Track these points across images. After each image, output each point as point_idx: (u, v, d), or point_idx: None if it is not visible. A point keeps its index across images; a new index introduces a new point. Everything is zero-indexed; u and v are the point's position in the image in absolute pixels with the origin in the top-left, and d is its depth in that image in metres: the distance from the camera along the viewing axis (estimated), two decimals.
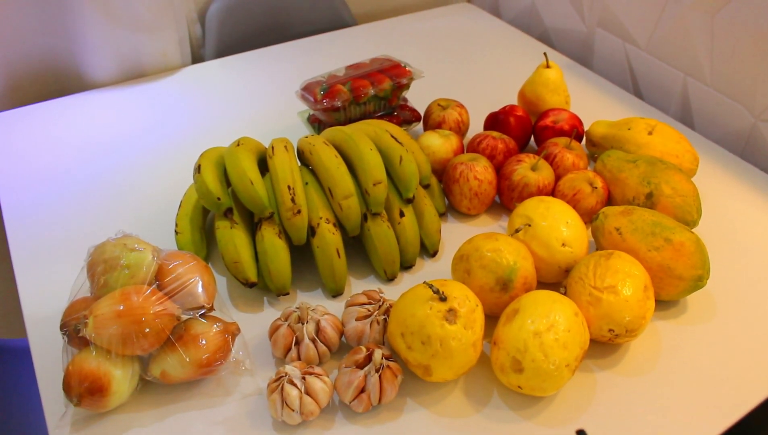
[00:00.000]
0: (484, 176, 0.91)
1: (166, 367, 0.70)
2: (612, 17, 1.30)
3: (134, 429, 0.70)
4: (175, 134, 1.15)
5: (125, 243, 0.72)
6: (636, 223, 0.80)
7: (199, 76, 1.33)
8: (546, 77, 1.08)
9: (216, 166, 0.85)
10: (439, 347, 0.67)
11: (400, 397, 0.72)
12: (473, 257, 0.76)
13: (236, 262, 0.80)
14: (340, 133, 0.88)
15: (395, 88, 1.04)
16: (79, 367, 0.67)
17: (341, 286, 0.83)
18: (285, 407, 0.67)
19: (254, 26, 1.47)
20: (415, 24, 1.53)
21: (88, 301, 0.71)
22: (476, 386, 0.73)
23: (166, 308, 0.69)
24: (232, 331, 0.72)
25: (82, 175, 1.06)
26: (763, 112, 1.06)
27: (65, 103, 1.24)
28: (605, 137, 1.01)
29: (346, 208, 0.82)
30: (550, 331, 0.67)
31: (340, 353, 0.76)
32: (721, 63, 1.10)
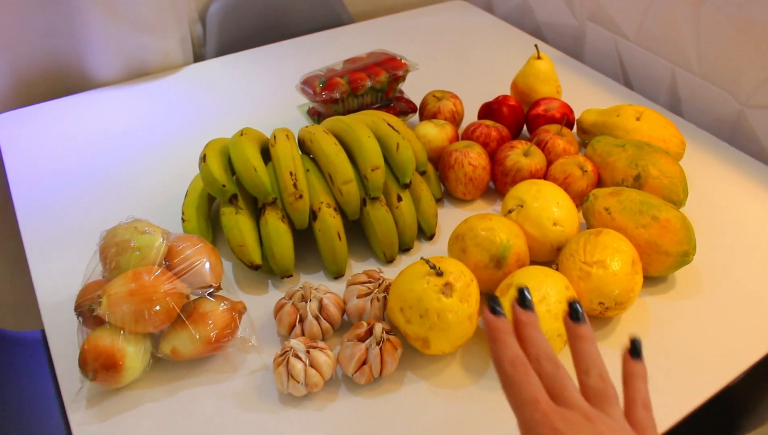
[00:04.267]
0: (478, 162, 0.94)
1: (177, 344, 0.73)
2: (602, 11, 1.34)
3: (146, 404, 0.73)
4: (179, 130, 1.19)
5: (136, 226, 0.76)
6: (624, 202, 0.84)
7: (200, 74, 1.37)
8: (537, 68, 1.12)
9: (220, 155, 0.88)
10: (437, 320, 0.70)
11: (401, 371, 0.75)
12: (468, 236, 0.79)
13: (241, 245, 0.83)
14: (339, 122, 0.92)
15: (391, 80, 1.07)
16: (94, 344, 0.70)
17: (342, 268, 0.87)
18: (290, 379, 0.70)
19: (254, 25, 1.51)
20: (411, 21, 1.57)
21: (100, 283, 0.75)
22: (473, 359, 0.77)
23: (176, 287, 0.72)
24: (239, 309, 0.76)
25: (90, 169, 1.09)
26: (749, 99, 1.09)
27: (71, 101, 1.27)
28: (595, 124, 1.04)
29: (346, 193, 0.85)
30: (542, 303, 0.70)
31: (342, 330, 0.79)
32: (708, 52, 1.14)
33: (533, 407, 0.42)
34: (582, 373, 0.45)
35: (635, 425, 0.43)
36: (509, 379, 0.43)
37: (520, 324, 0.46)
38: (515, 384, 0.43)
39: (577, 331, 0.46)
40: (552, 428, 0.40)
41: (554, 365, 0.44)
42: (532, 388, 0.42)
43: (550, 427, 0.41)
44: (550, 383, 0.43)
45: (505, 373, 0.43)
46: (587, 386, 0.44)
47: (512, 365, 0.43)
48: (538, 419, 0.41)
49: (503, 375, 0.43)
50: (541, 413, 0.41)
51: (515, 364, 0.43)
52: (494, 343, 0.45)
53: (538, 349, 0.44)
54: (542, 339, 0.45)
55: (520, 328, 0.46)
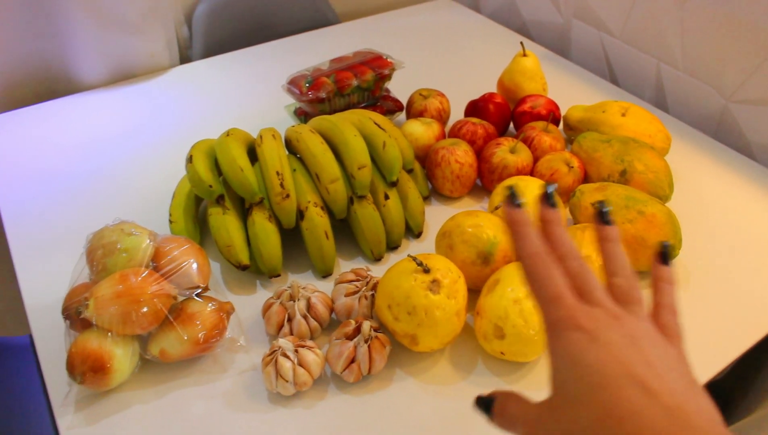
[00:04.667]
0: (464, 159, 0.95)
1: (165, 345, 0.73)
2: (587, 8, 1.34)
3: (135, 406, 0.73)
4: (166, 132, 1.18)
5: (122, 228, 0.75)
6: (610, 197, 0.84)
7: (187, 76, 1.37)
8: (523, 65, 1.12)
9: (207, 156, 0.88)
10: (425, 316, 0.70)
11: (389, 368, 0.75)
12: (455, 233, 0.80)
13: (229, 245, 0.83)
14: (326, 121, 0.92)
15: (378, 78, 1.07)
16: (81, 347, 0.70)
17: (330, 267, 0.87)
18: (279, 379, 0.70)
19: (240, 27, 1.50)
20: (398, 20, 1.57)
21: (87, 285, 0.74)
22: (461, 355, 0.77)
23: (163, 288, 0.72)
24: (227, 310, 0.76)
25: (77, 173, 1.09)
26: (733, 94, 1.10)
27: (57, 105, 1.27)
28: (581, 121, 1.05)
29: (333, 192, 0.86)
30: (529, 298, 0.70)
31: (330, 329, 0.79)
32: (692, 48, 1.15)
33: (557, 304, 0.40)
34: (609, 274, 0.44)
35: (662, 329, 0.42)
36: (532, 274, 0.42)
37: (545, 222, 0.44)
38: (538, 279, 0.41)
39: (604, 232, 0.45)
40: (576, 325, 0.39)
41: (579, 263, 0.43)
42: (556, 284, 0.41)
43: (574, 324, 0.39)
44: (575, 281, 0.42)
45: (528, 266, 0.42)
46: (614, 286, 0.43)
47: (534, 259, 0.42)
48: (562, 316, 0.40)
49: (526, 269, 0.42)
50: (566, 310, 0.40)
51: (537, 257, 0.42)
52: (515, 236, 0.43)
53: (563, 247, 0.43)
54: (567, 237, 0.44)
55: (544, 227, 0.44)
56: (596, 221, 0.45)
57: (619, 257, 0.44)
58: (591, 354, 0.38)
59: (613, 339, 0.39)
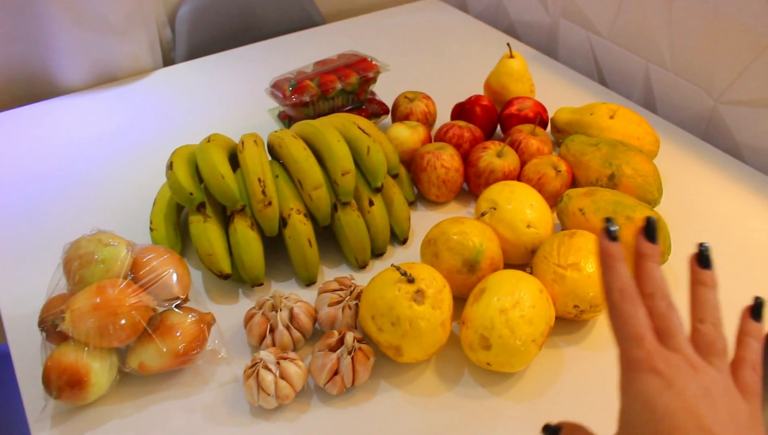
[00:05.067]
0: (450, 164, 0.93)
1: (144, 358, 0.71)
2: (575, 8, 1.33)
3: (114, 420, 0.71)
4: (148, 135, 1.17)
5: (99, 238, 0.74)
6: (598, 202, 0.83)
7: (170, 79, 1.35)
8: (510, 67, 1.11)
9: (188, 163, 0.86)
10: (409, 327, 0.69)
11: (374, 379, 0.74)
12: (440, 241, 0.78)
13: (210, 254, 0.82)
14: (309, 126, 0.90)
15: (362, 82, 1.06)
16: (57, 361, 0.69)
17: (314, 275, 0.85)
18: (261, 392, 0.68)
19: (224, 28, 1.48)
20: (384, 21, 1.55)
21: (65, 297, 0.73)
22: (447, 366, 0.75)
23: (142, 300, 0.70)
24: (208, 321, 0.74)
25: (56, 178, 1.07)
26: (721, 95, 1.09)
27: (38, 109, 1.25)
28: (569, 123, 1.03)
29: (316, 199, 0.84)
30: (516, 308, 0.69)
31: (314, 339, 0.78)
32: (680, 49, 1.14)
33: (637, 344, 0.40)
34: (696, 320, 0.43)
35: (740, 385, 0.41)
36: (616, 310, 0.41)
37: (641, 256, 0.43)
38: (622, 316, 0.41)
39: (701, 275, 0.43)
40: (653, 369, 0.39)
41: (667, 305, 0.41)
42: (639, 324, 0.40)
43: (651, 367, 0.39)
44: (659, 322, 0.41)
45: (613, 302, 0.41)
46: (699, 333, 0.42)
47: (621, 295, 0.41)
48: (640, 357, 0.39)
49: (611, 304, 0.41)
50: (645, 351, 0.39)
51: (624, 294, 0.41)
52: (605, 269, 0.42)
53: (654, 285, 0.42)
54: (660, 275, 0.42)
55: (639, 261, 0.43)
56: (695, 263, 0.44)
57: (710, 304, 0.43)
58: (663, 399, 0.38)
59: (688, 388, 0.38)
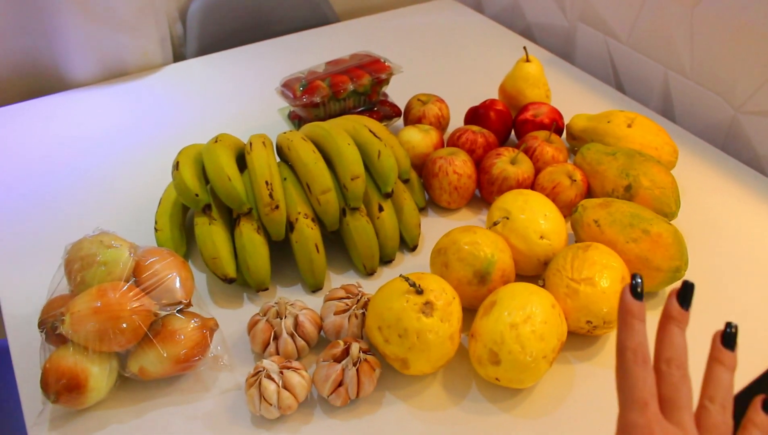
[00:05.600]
0: (463, 170, 0.91)
1: (144, 363, 0.69)
2: (593, 12, 1.30)
3: (112, 425, 0.69)
4: (157, 132, 1.15)
5: (102, 240, 0.72)
6: (614, 214, 0.80)
7: (180, 75, 1.33)
8: (526, 71, 1.08)
9: (194, 163, 0.85)
10: (416, 340, 0.67)
11: (379, 391, 0.72)
12: (451, 250, 0.76)
13: (215, 258, 0.80)
14: (319, 128, 0.88)
15: (374, 83, 1.04)
16: (56, 364, 0.67)
17: (320, 281, 0.83)
18: (263, 402, 0.67)
19: (235, 24, 1.47)
20: (398, 20, 1.53)
21: (65, 298, 0.71)
22: (455, 379, 0.74)
23: (143, 304, 0.68)
24: (210, 327, 0.72)
25: (63, 173, 1.05)
26: (743, 105, 1.06)
27: (47, 102, 1.24)
28: (585, 130, 1.01)
29: (324, 203, 0.82)
30: (527, 323, 0.67)
31: (319, 348, 0.76)
32: (701, 56, 1.11)
33: (640, 410, 0.39)
34: (706, 397, 0.42)
35: None
36: (626, 370, 0.40)
37: (669, 318, 0.42)
38: (630, 377, 0.40)
39: (721, 355, 0.43)
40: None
41: (682, 375, 0.41)
42: (646, 389, 0.40)
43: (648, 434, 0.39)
44: (668, 391, 0.41)
45: (625, 361, 0.41)
46: (706, 412, 0.41)
47: (634, 356, 0.40)
48: (640, 423, 0.39)
49: (622, 362, 0.41)
50: (646, 419, 0.39)
51: (637, 355, 0.40)
52: (622, 325, 0.41)
53: (673, 352, 0.41)
54: (683, 343, 0.42)
55: (666, 322, 0.42)
56: (719, 341, 0.43)
57: (724, 385, 0.42)
58: None
59: None
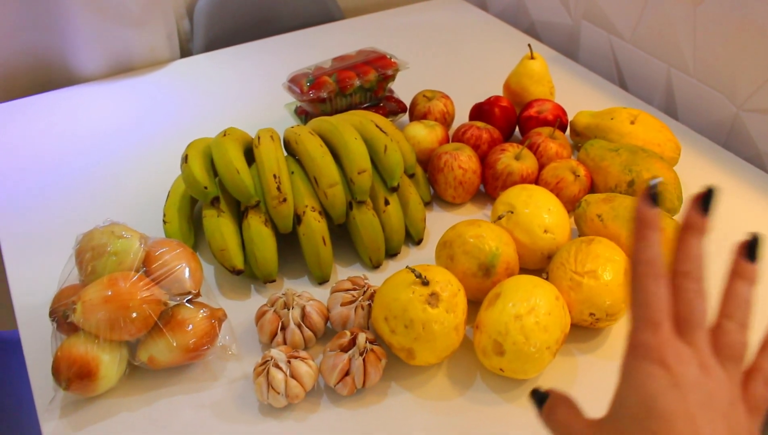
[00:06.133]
0: (468, 165, 0.92)
1: (154, 352, 0.71)
2: (597, 10, 1.31)
3: (122, 413, 0.70)
4: (164, 127, 1.16)
5: (113, 230, 0.73)
6: (617, 209, 0.81)
7: (187, 70, 1.34)
8: (530, 68, 1.10)
9: (203, 156, 0.86)
10: (422, 331, 0.68)
11: (385, 381, 0.73)
12: (456, 243, 0.77)
13: (223, 249, 0.81)
14: (326, 123, 0.89)
15: (381, 79, 1.05)
16: (67, 352, 0.68)
17: (327, 274, 0.84)
18: (271, 390, 0.68)
19: (242, 20, 1.48)
20: (403, 18, 1.54)
21: (76, 287, 0.72)
22: (459, 370, 0.75)
23: (153, 294, 0.70)
24: (219, 317, 0.73)
25: (71, 167, 1.06)
26: (745, 102, 1.07)
27: (54, 97, 1.25)
28: (589, 127, 1.02)
29: (332, 197, 0.83)
30: (531, 314, 0.68)
31: (325, 339, 0.77)
32: (704, 54, 1.12)
33: (652, 329, 0.36)
34: (723, 315, 0.39)
35: (748, 398, 0.38)
36: (639, 285, 0.37)
37: (688, 227, 0.38)
38: (643, 293, 0.37)
39: (742, 267, 0.40)
40: (661, 361, 0.36)
41: (697, 290, 0.38)
42: (659, 307, 0.37)
43: (660, 359, 0.36)
44: (683, 308, 0.37)
45: (638, 275, 0.37)
46: (722, 330, 0.38)
47: (647, 268, 0.37)
48: (651, 344, 0.36)
49: (635, 277, 0.37)
50: (658, 340, 0.36)
51: (651, 268, 0.37)
52: (637, 236, 0.38)
53: (690, 264, 0.38)
54: (701, 255, 0.38)
55: (684, 232, 0.38)
56: (741, 252, 0.40)
57: (743, 300, 0.39)
58: (664, 399, 0.35)
59: (693, 393, 0.36)
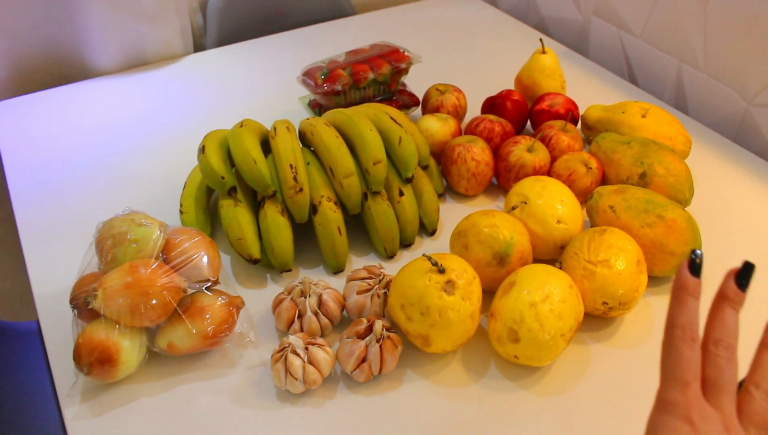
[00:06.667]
0: (481, 157, 0.93)
1: (173, 339, 0.72)
2: (607, 5, 1.32)
3: (142, 399, 0.72)
4: (178, 120, 1.17)
5: (133, 218, 0.74)
6: (629, 200, 0.82)
7: (200, 64, 1.35)
8: (542, 63, 1.10)
9: (220, 147, 0.87)
10: (438, 318, 0.69)
11: (400, 368, 0.74)
12: (471, 233, 0.78)
13: (240, 238, 0.82)
14: (341, 114, 0.90)
15: (394, 72, 1.06)
16: (89, 337, 0.69)
17: (342, 263, 0.85)
18: (288, 376, 0.69)
19: (255, 15, 1.49)
20: (413, 14, 1.55)
21: (96, 275, 0.73)
22: (474, 357, 0.76)
23: (173, 281, 0.71)
24: (237, 304, 0.74)
25: (88, 159, 1.08)
26: (755, 97, 1.08)
27: (70, 90, 1.26)
28: (600, 120, 1.03)
29: (347, 187, 0.84)
30: (546, 302, 0.69)
31: (341, 327, 0.78)
32: (714, 49, 1.13)
33: (680, 389, 0.38)
34: (751, 383, 0.40)
35: None
36: (672, 347, 0.39)
37: (724, 298, 0.41)
38: (676, 355, 0.39)
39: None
40: (686, 418, 0.37)
41: (729, 357, 0.40)
42: (690, 368, 0.39)
43: (685, 416, 0.38)
44: (712, 372, 0.39)
45: (672, 338, 0.39)
46: (749, 396, 0.40)
47: (683, 333, 0.39)
48: (678, 402, 0.38)
49: (669, 338, 0.40)
50: (685, 399, 0.38)
51: (686, 333, 0.39)
52: (675, 301, 0.40)
53: (723, 333, 0.40)
54: (735, 325, 0.40)
55: (720, 302, 0.41)
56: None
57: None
58: None
59: None
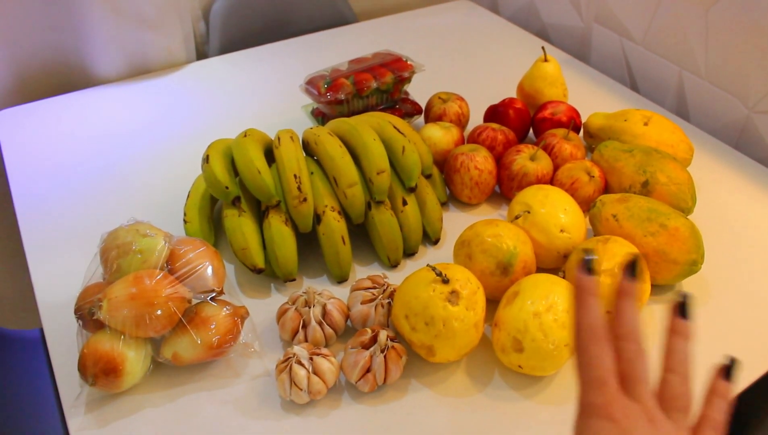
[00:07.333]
0: (484, 166, 0.93)
1: (178, 349, 0.72)
2: (608, 13, 1.33)
3: (146, 409, 0.72)
4: (181, 128, 1.18)
5: (137, 229, 0.74)
6: (632, 209, 0.82)
7: (203, 72, 1.36)
8: (544, 71, 1.11)
9: (224, 156, 0.87)
10: (442, 328, 0.69)
11: (405, 378, 0.74)
12: (474, 242, 0.78)
13: (244, 248, 0.82)
14: (344, 124, 0.91)
15: (397, 81, 1.06)
16: (93, 348, 0.69)
17: (346, 273, 0.86)
18: (293, 386, 0.69)
19: (257, 23, 1.49)
20: (416, 21, 1.55)
21: (101, 286, 0.74)
22: (478, 367, 0.76)
23: (178, 291, 0.71)
24: (241, 314, 0.75)
25: (91, 167, 1.08)
26: (756, 104, 1.08)
27: (73, 98, 1.26)
28: (602, 128, 1.03)
29: (351, 196, 0.84)
30: (550, 312, 0.69)
31: (345, 336, 0.78)
32: (716, 56, 1.13)
33: (598, 389, 0.39)
34: (666, 370, 0.41)
35: None
36: (582, 350, 0.40)
37: (622, 294, 0.42)
38: (587, 356, 0.40)
39: (678, 325, 0.42)
40: (608, 416, 0.38)
41: (637, 349, 0.40)
42: (603, 367, 0.39)
43: (607, 415, 0.38)
44: (626, 367, 0.40)
45: (581, 340, 0.40)
46: (666, 384, 0.41)
47: (589, 334, 0.40)
48: (598, 403, 0.38)
49: (578, 341, 0.40)
50: (604, 398, 0.38)
51: (593, 333, 0.40)
52: (578, 303, 0.41)
53: (626, 326, 0.41)
54: (635, 316, 0.41)
55: (619, 299, 0.42)
56: (675, 312, 0.43)
57: (682, 355, 0.42)
58: None
59: None
